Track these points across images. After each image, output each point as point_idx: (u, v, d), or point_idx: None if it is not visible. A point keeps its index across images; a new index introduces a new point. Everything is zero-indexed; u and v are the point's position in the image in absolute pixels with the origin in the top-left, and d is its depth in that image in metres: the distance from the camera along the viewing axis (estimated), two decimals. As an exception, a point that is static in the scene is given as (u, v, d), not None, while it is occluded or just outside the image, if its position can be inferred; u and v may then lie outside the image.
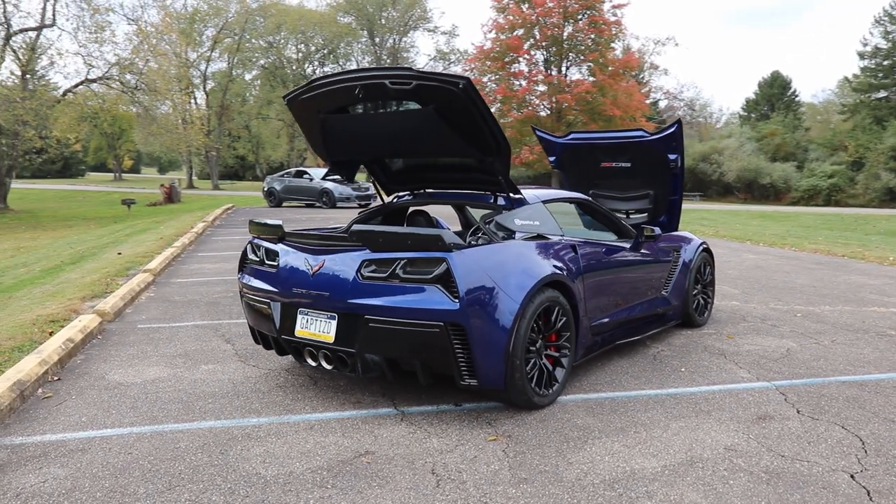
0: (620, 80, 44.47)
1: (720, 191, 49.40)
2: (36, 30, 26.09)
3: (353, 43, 56.55)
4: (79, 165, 67.89)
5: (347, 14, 55.98)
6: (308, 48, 56.38)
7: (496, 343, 3.84)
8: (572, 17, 44.94)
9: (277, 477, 3.30)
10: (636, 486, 3.21)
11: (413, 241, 3.84)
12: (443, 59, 58.20)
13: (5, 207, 27.06)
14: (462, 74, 4.07)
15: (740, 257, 11.67)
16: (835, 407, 4.28)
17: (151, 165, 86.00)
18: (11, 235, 20.33)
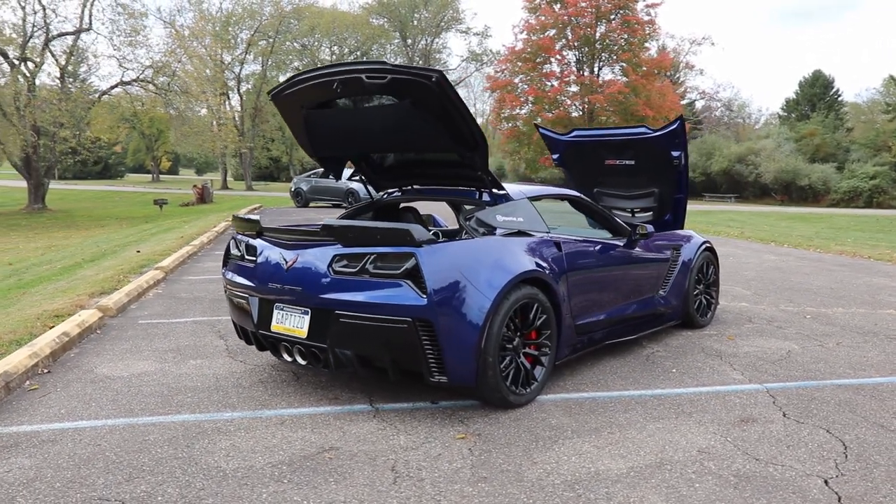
0: (654, 81, 43.96)
1: (757, 193, 48.41)
2: (73, 34, 26.75)
3: (387, 45, 56.84)
4: (118, 167, 69.41)
5: (380, 16, 56.32)
6: (341, 50, 56.82)
7: (466, 340, 3.79)
8: (605, 16, 44.57)
9: (237, 470, 3.30)
10: (597, 487, 3.13)
11: (382, 236, 3.81)
12: (475, 60, 58.23)
13: (43, 207, 27.76)
14: (435, 68, 4.01)
15: (760, 258, 11.40)
16: (824, 410, 4.13)
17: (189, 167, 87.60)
18: (46, 234, 20.84)
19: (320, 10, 52.13)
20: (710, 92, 64.04)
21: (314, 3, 52.90)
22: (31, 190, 27.73)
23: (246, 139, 49.34)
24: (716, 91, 77.75)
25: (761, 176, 46.78)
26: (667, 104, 43.27)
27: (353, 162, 5.19)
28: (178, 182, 62.77)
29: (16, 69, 24.78)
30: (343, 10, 54.93)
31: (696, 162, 50.94)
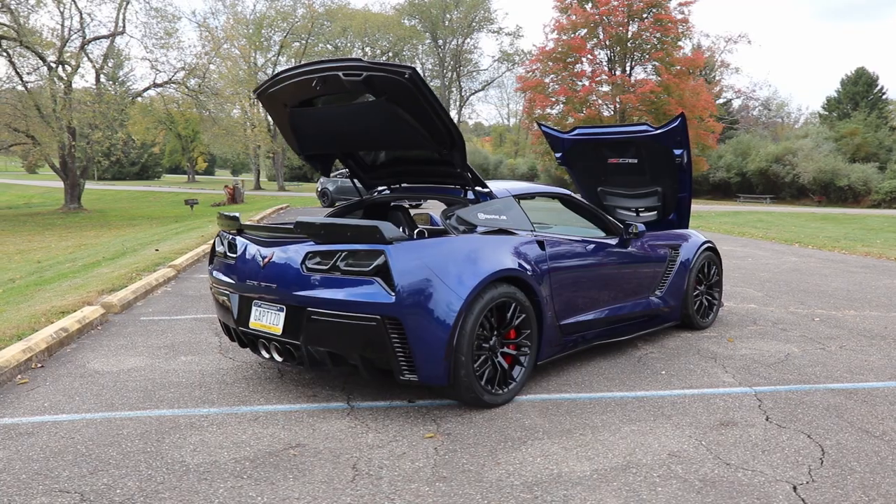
0: (687, 80, 43.31)
1: (794, 193, 47.38)
2: (107, 37, 27.35)
3: (419, 45, 57.03)
4: (155, 168, 70.84)
5: (412, 17, 56.53)
6: (373, 51, 57.14)
7: (436, 338, 3.76)
8: (637, 15, 44.05)
9: (200, 465, 3.32)
10: (556, 489, 3.08)
11: (352, 234, 3.81)
12: (507, 60, 58.08)
13: (79, 207, 28.43)
14: (408, 64, 4.00)
15: (780, 259, 11.14)
16: (809, 415, 4.01)
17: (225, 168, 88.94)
18: (79, 233, 21.33)
19: (352, 12, 52.49)
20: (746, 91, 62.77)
21: (346, 4, 53.29)
22: (68, 190, 28.42)
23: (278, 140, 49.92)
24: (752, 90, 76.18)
25: (799, 176, 45.77)
26: (700, 103, 42.58)
27: (341, 160, 5.20)
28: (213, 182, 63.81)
29: (53, 72, 25.41)
30: (375, 12, 55.28)
31: (731, 162, 50.08)
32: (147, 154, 63.51)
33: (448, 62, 57.23)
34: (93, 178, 62.92)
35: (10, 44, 24.95)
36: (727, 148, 51.39)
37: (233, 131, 32.68)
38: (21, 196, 43.23)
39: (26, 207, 34.78)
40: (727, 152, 50.89)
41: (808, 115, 72.85)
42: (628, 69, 46.25)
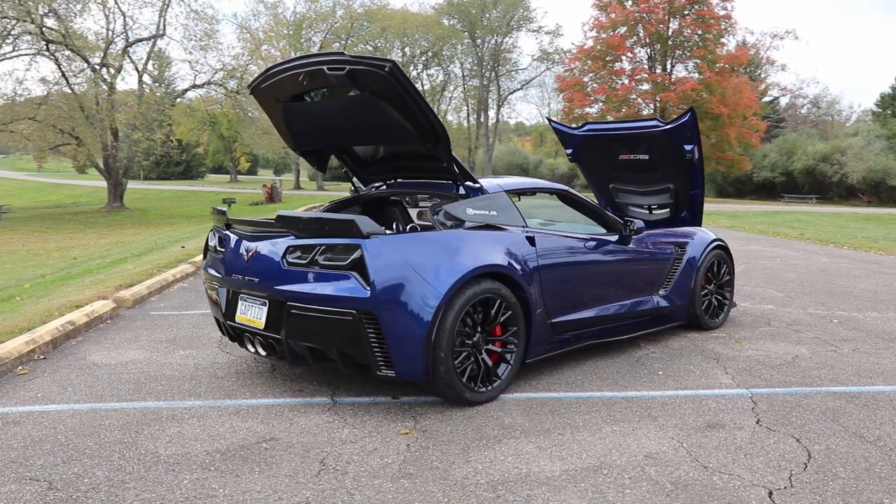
0: (729, 77, 42.39)
1: (842, 193, 46.01)
2: (149, 39, 28.00)
3: (458, 45, 56.94)
4: (199, 168, 72.30)
5: (450, 16, 56.49)
6: (413, 51, 57.31)
7: (413, 334, 3.72)
8: (678, 12, 43.28)
9: (171, 457, 3.34)
10: (520, 489, 3.01)
11: (330, 228, 3.80)
12: (546, 59, 57.60)
13: (121, 206, 29.18)
14: (388, 57, 3.96)
15: (810, 260, 10.79)
16: (804, 418, 3.85)
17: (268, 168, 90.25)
18: (118, 231, 21.90)
19: (391, 12, 52.73)
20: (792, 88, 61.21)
21: (386, 5, 53.57)
22: (111, 189, 29.19)
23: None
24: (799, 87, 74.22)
25: (847, 176, 44.42)
26: (743, 101, 41.64)
27: (336, 156, 5.20)
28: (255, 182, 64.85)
29: (97, 74, 26.12)
30: (414, 12, 55.37)
31: (776, 161, 48.88)
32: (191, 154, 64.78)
33: (487, 62, 57.00)
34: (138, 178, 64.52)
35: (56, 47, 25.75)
36: (772, 147, 50.18)
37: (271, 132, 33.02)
38: (70, 195, 44.58)
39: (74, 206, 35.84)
40: (772, 151, 49.68)
41: (860, 112, 70.62)
42: (669, 67, 45.48)
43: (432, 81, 60.70)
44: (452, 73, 60.00)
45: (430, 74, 60.64)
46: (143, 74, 28.90)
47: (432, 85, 60.60)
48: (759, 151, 48.49)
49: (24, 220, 27.26)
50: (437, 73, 60.28)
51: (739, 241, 13.61)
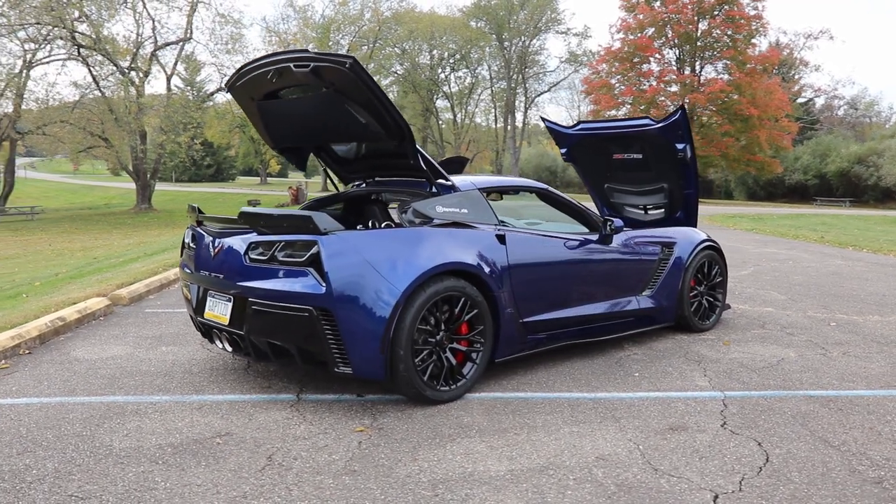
0: (760, 78, 41.71)
1: (878, 196, 44.96)
2: (176, 43, 28.47)
3: (486, 47, 56.89)
4: (230, 170, 73.26)
5: (478, 19, 56.48)
6: (440, 53, 57.40)
7: (370, 331, 3.70)
8: (707, 12, 42.74)
9: (123, 450, 3.37)
10: (459, 488, 2.98)
11: (289, 224, 3.80)
12: (574, 61, 57.24)
13: (149, 207, 29.71)
14: (349, 54, 3.96)
15: (823, 262, 10.54)
16: (772, 422, 3.75)
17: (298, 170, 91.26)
18: (143, 231, 22.30)
19: (419, 15, 52.86)
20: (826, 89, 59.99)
21: (413, 8, 53.75)
22: (139, 191, 29.73)
23: (345, 143, 50.71)
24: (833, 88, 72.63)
25: (883, 179, 43.39)
26: (774, 103, 40.97)
27: (315, 154, 5.21)
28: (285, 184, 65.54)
29: (126, 77, 26.63)
30: (441, 14, 55.48)
31: (808, 164, 47.97)
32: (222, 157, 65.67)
33: (514, 64, 56.84)
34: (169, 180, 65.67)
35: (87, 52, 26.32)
36: (805, 149, 49.25)
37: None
38: (102, 197, 45.57)
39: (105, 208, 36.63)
40: (804, 154, 48.77)
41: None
42: (697, 68, 44.89)
43: (460, 84, 60.77)
44: (480, 76, 59.99)
45: (458, 77, 60.76)
46: (171, 78, 29.40)
47: (460, 88, 60.65)
48: (790, 154, 47.63)
49: (55, 221, 27.92)
50: (465, 75, 60.35)
51: (755, 244, 13.36)
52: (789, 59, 56.83)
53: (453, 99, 60.36)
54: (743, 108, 40.30)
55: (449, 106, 60.89)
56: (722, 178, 53.90)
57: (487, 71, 59.86)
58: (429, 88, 57.53)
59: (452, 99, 60.28)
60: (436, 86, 58.33)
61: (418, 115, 58.35)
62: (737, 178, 52.15)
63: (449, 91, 60.16)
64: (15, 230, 23.61)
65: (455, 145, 58.50)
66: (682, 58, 45.03)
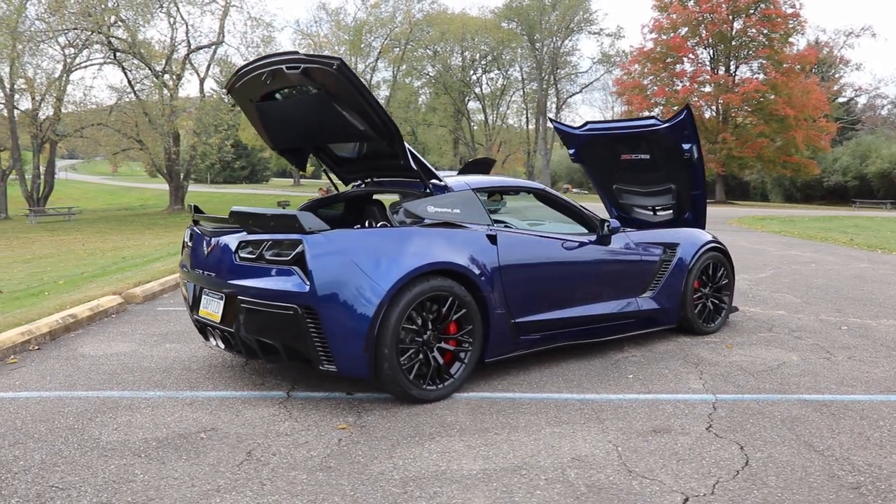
0: (796, 78, 40.91)
1: (923, 197, 43.71)
2: (208, 47, 28.98)
3: (518, 48, 56.75)
4: (264, 171, 74.21)
5: (509, 20, 56.35)
6: (472, 55, 57.39)
7: (354, 330, 3.74)
8: (743, 11, 42.05)
9: (109, 443, 3.46)
10: (429, 486, 2.99)
11: (275, 223, 3.86)
12: (606, 61, 56.79)
13: (182, 208, 30.25)
14: (336, 55, 4.01)
15: (847, 266, 10.30)
16: (759, 426, 3.69)
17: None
18: (175, 232, 22.69)
19: (450, 17, 52.92)
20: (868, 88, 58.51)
21: (445, 10, 53.82)
22: (172, 192, 30.31)
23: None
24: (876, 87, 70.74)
25: (926, 180, 42.24)
26: (811, 102, 40.14)
27: (315, 155, 5.27)
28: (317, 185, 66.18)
29: (159, 80, 27.19)
30: (472, 16, 55.47)
31: (848, 165, 46.86)
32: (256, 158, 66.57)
33: (545, 65, 56.58)
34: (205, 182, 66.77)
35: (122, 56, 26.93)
36: (844, 150, 48.13)
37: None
38: (139, 198, 46.55)
39: (140, 209, 37.41)
40: (844, 154, 47.65)
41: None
42: (732, 68, 44.18)
43: (492, 86, 60.69)
44: (512, 77, 59.84)
45: (490, 79, 60.68)
46: (204, 80, 29.93)
47: (492, 89, 60.58)
48: (829, 155, 46.59)
49: (91, 222, 28.60)
50: (497, 77, 60.25)
51: (780, 247, 13.11)
52: (829, 58, 55.60)
53: (485, 100, 60.31)
54: (779, 109, 39.56)
55: (480, 107, 60.83)
56: (758, 179, 52.96)
57: (519, 72, 59.69)
58: (460, 90, 57.56)
59: (484, 100, 60.24)
60: (467, 87, 58.33)
61: (450, 117, 58.43)
62: (773, 180, 51.19)
63: (480, 93, 60.14)
64: (52, 230, 24.24)
65: (486, 147, 58.40)
66: (717, 57, 44.36)
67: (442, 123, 58.91)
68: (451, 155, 60.00)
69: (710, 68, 44.14)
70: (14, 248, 17.79)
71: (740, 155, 41.07)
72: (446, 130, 59.82)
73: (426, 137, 61.00)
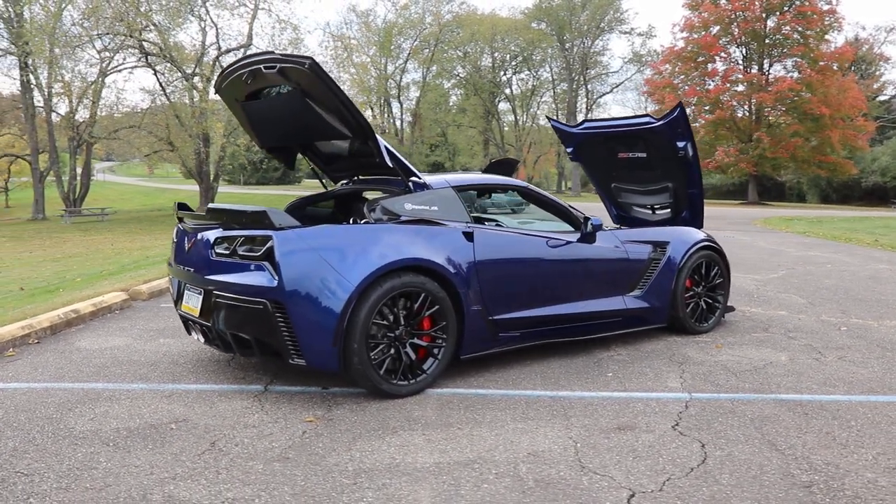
0: (832, 76, 40.02)
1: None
2: (238, 49, 29.42)
3: (548, 49, 56.53)
4: (296, 173, 74.97)
5: (539, 20, 56.16)
6: (503, 56, 57.30)
7: (322, 325, 3.80)
8: (776, 9, 41.27)
9: (82, 432, 3.56)
10: (379, 477, 3.03)
11: (247, 219, 3.94)
12: (638, 61, 56.27)
13: (212, 209, 30.70)
14: (306, 55, 4.06)
15: (864, 267, 10.07)
16: (726, 424, 3.65)
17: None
18: (202, 232, 23.09)
19: (480, 17, 52.94)
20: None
21: (474, 11, 53.84)
22: (202, 193, 30.82)
23: (406, 145, 51.45)
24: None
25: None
26: (847, 101, 39.24)
27: (302, 153, 5.35)
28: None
29: (189, 82, 27.70)
30: (502, 16, 55.39)
31: (888, 165, 45.70)
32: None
33: (575, 65, 56.27)
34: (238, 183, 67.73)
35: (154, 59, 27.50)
36: (884, 150, 46.93)
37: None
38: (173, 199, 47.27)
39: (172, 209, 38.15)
40: (883, 154, 46.47)
41: None
42: (767, 66, 43.39)
43: (522, 86, 60.54)
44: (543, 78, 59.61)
45: (520, 80, 60.52)
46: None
47: (522, 90, 60.41)
48: (867, 154, 45.49)
49: (123, 222, 29.24)
50: (527, 77, 60.09)
51: (800, 247, 12.87)
52: (868, 55, 54.31)
53: (515, 101, 60.18)
54: (813, 108, 38.74)
55: (511, 108, 60.71)
56: (794, 180, 51.94)
57: (549, 73, 59.41)
58: (490, 91, 57.54)
59: (514, 101, 60.13)
60: (497, 88, 58.28)
61: (480, 118, 58.42)
62: (809, 181, 50.15)
63: (511, 93, 60.03)
64: (85, 230, 24.84)
65: (517, 147, 58.29)
66: (749, 56, 43.61)
67: (472, 125, 58.93)
68: (481, 156, 59.97)
69: (743, 67, 43.41)
70: (46, 247, 18.28)
71: (773, 156, 40.30)
72: (476, 131, 59.81)
73: (456, 138, 61.10)
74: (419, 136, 53.37)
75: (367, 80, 46.46)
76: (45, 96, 29.19)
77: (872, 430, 3.57)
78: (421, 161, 58.33)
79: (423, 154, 56.73)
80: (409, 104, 54.38)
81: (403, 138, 52.00)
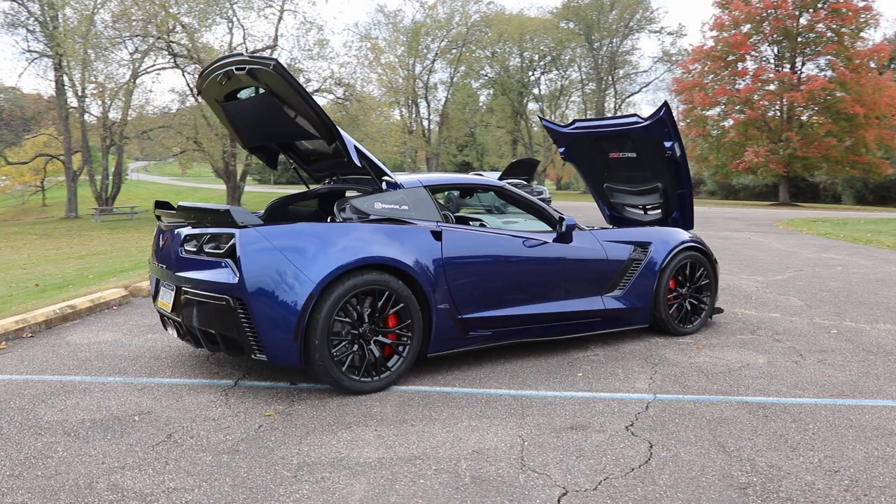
0: (868, 74, 39.10)
1: None
2: (263, 51, 29.77)
3: (577, 48, 56.21)
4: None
5: (567, 20, 55.84)
6: (531, 56, 57.11)
7: (283, 321, 3.87)
8: (810, 6, 40.44)
9: (47, 423, 3.68)
10: (320, 471, 3.09)
11: (211, 218, 4.02)
12: (668, 60, 55.64)
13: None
14: (271, 56, 4.14)
15: (877, 269, 9.84)
16: (681, 426, 3.64)
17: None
18: (226, 231, 23.43)
19: (508, 17, 52.78)
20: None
21: (502, 11, 53.72)
22: (230, 192, 31.25)
23: (433, 146, 51.58)
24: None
25: None
26: (883, 100, 38.27)
27: (283, 153, 5.43)
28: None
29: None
30: (530, 16, 55.17)
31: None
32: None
33: (603, 65, 55.84)
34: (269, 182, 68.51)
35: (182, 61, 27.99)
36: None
37: (376, 137, 34.17)
38: (203, 198, 48.10)
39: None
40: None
41: None
42: (800, 65, 42.57)
43: (550, 87, 60.27)
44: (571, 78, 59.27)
45: (549, 80, 60.28)
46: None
47: (551, 90, 60.16)
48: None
49: (151, 221, 29.75)
50: (556, 78, 59.80)
51: (815, 249, 12.63)
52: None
53: (543, 101, 59.93)
54: (847, 107, 37.89)
55: (539, 108, 60.48)
56: (828, 180, 50.85)
57: (578, 73, 59.03)
58: (519, 91, 57.39)
59: (543, 101, 59.88)
60: (525, 88, 58.10)
61: (508, 119, 58.30)
62: (844, 181, 49.05)
63: (539, 93, 59.82)
64: (113, 229, 25.37)
65: (545, 147, 58.03)
66: (781, 54, 42.83)
67: (500, 125, 58.83)
68: (510, 156, 59.82)
69: (774, 66, 42.66)
70: (74, 245, 18.72)
71: (805, 156, 39.52)
72: (505, 131, 59.71)
73: (485, 139, 61.04)
74: (447, 136, 53.39)
75: (395, 80, 46.71)
76: (79, 96, 29.88)
77: (827, 434, 3.52)
78: (449, 161, 58.41)
79: (451, 154, 56.77)
80: (436, 104, 54.47)
81: (431, 138, 52.10)
